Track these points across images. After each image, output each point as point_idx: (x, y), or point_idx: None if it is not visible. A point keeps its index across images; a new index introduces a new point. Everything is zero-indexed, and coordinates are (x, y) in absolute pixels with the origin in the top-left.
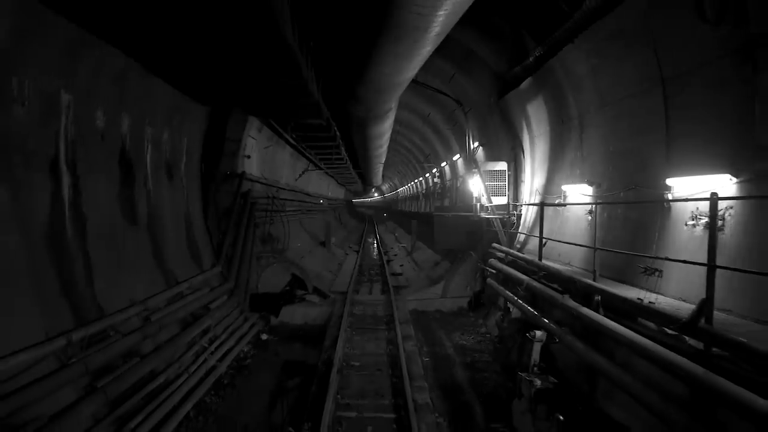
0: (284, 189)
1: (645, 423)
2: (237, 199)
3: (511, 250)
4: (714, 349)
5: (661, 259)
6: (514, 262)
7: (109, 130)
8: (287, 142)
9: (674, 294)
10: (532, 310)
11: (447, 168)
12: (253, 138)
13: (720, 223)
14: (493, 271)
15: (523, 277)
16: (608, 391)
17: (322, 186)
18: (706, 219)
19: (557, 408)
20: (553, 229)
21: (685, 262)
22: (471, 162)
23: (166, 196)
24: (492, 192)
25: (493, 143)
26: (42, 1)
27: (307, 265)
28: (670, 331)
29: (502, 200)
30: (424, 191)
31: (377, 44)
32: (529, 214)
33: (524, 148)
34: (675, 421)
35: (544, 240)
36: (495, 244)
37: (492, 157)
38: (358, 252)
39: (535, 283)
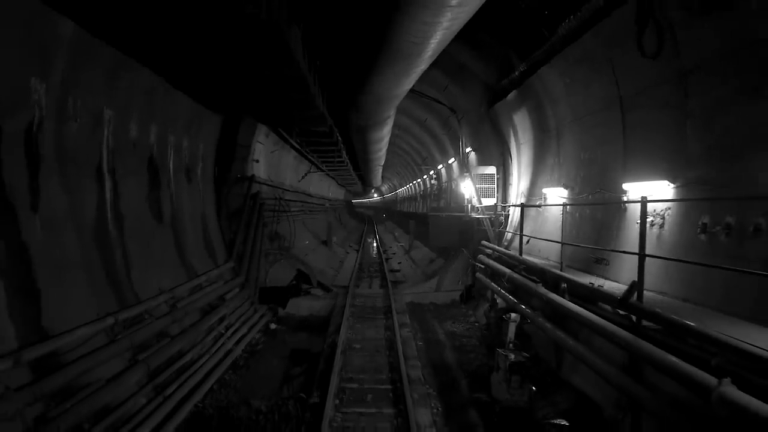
0: (288, 190)
1: (597, 387)
2: (247, 200)
3: (497, 247)
4: (644, 321)
5: (607, 250)
6: (500, 258)
7: (140, 139)
8: (291, 146)
9: (626, 280)
10: (512, 298)
11: (443, 170)
12: (261, 143)
13: (661, 221)
14: (482, 266)
15: (506, 270)
16: (572, 364)
17: (323, 187)
18: (652, 218)
19: (529, 379)
20: (535, 228)
21: (624, 252)
22: (464, 166)
23: (186, 197)
24: (482, 194)
25: (484, 149)
26: (94, 35)
27: (311, 262)
28: (621, 312)
29: (491, 201)
30: (421, 192)
31: (377, 64)
32: (515, 214)
33: (512, 153)
34: (614, 380)
35: (526, 237)
36: (484, 242)
37: (483, 161)
38: (358, 251)
39: (516, 275)
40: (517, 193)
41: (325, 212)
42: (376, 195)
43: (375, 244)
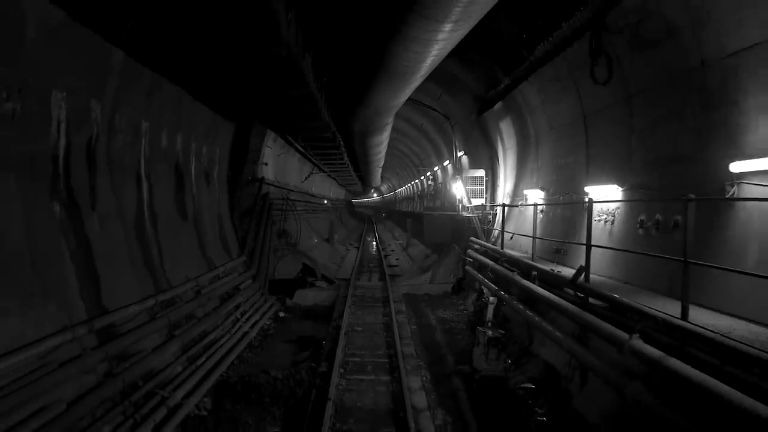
0: (293, 191)
1: (557, 355)
2: (257, 200)
3: (483, 242)
4: (590, 299)
5: (566, 242)
6: (486, 252)
7: (169, 147)
8: (296, 149)
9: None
10: (494, 286)
11: (439, 172)
12: (269, 147)
13: (612, 218)
14: (471, 260)
15: (490, 262)
16: (541, 340)
17: (325, 187)
18: (606, 216)
19: (505, 352)
20: (518, 226)
21: (576, 243)
22: (456, 168)
23: (205, 198)
24: (472, 194)
25: (475, 153)
26: (137, 60)
27: (315, 257)
28: (574, 293)
29: (480, 201)
30: (419, 193)
31: (375, 82)
32: (504, 213)
33: (499, 157)
34: (566, 345)
35: (510, 234)
36: (472, 238)
37: (474, 164)
38: (358, 248)
39: (498, 267)
40: (504, 194)
41: (327, 211)
42: (375, 195)
43: (374, 243)
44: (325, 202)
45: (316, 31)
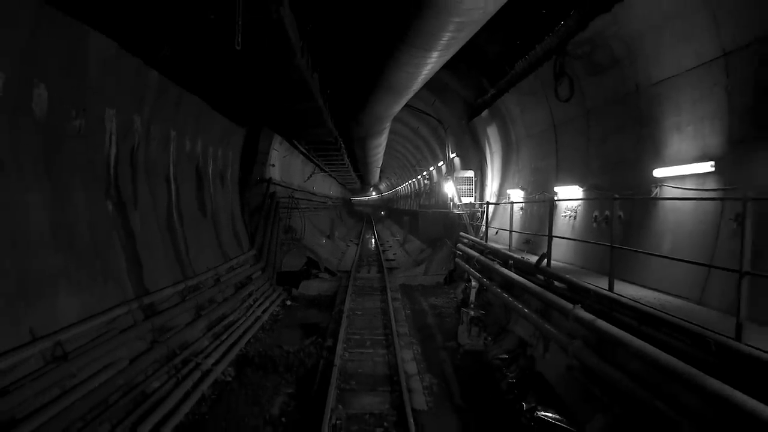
0: (297, 190)
1: (526, 330)
2: (265, 199)
3: (471, 236)
4: (552, 281)
5: (535, 235)
6: (473, 245)
7: (191, 151)
8: (300, 151)
9: (555, 257)
10: (479, 275)
11: (434, 172)
12: (276, 150)
13: (574, 214)
14: (460, 253)
15: (476, 254)
16: (516, 319)
17: (325, 186)
18: (570, 212)
19: (485, 330)
20: (502, 222)
21: (540, 235)
22: (449, 169)
23: (220, 197)
24: (463, 193)
25: (465, 155)
26: (169, 78)
27: (319, 252)
28: (540, 276)
29: (470, 199)
30: (416, 191)
31: (374, 94)
32: (489, 210)
33: (487, 159)
34: (533, 320)
35: (495, 229)
36: (461, 233)
37: (465, 165)
38: (357, 244)
39: (482, 257)
40: (491, 193)
41: (328, 209)
42: (374, 193)
43: (373, 240)
44: (326, 200)
45: (323, 52)
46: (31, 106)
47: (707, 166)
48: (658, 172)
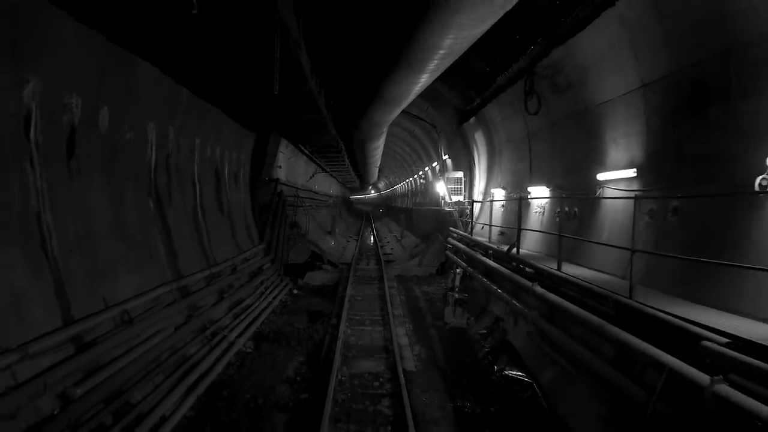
0: (300, 189)
1: (502, 309)
2: (273, 197)
3: (459, 231)
4: (521, 266)
5: (509, 228)
6: (461, 239)
7: (211, 155)
8: (303, 153)
9: (526, 247)
10: (465, 264)
11: (429, 171)
12: (282, 152)
13: (542, 210)
14: (450, 246)
15: (463, 246)
16: (494, 301)
17: (326, 185)
18: (539, 209)
19: (467, 310)
20: (487, 218)
21: (512, 228)
22: (442, 170)
23: (234, 196)
24: (453, 192)
25: (456, 157)
26: (197, 95)
27: (322, 246)
28: (514, 263)
29: (459, 198)
30: (412, 190)
31: (372, 104)
32: (476, 207)
33: (475, 161)
34: (505, 299)
35: (481, 224)
36: (451, 228)
37: (456, 167)
38: (357, 240)
39: (468, 249)
40: (478, 192)
41: (329, 207)
42: (373, 191)
43: (372, 237)
44: (327, 198)
45: (328, 68)
46: (98, 124)
47: (632, 172)
48: (601, 176)
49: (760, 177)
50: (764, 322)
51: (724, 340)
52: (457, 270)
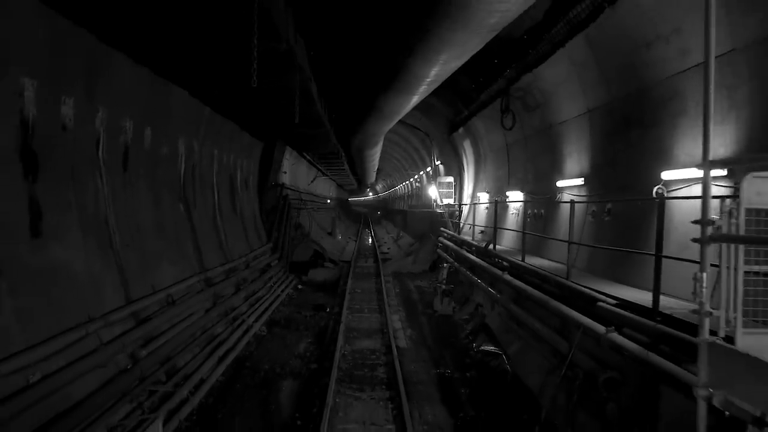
0: (303, 192)
1: (482, 298)
2: (279, 200)
3: (448, 231)
4: (497, 260)
5: (487, 227)
6: (450, 238)
7: (227, 163)
8: (305, 159)
9: (504, 244)
10: (453, 261)
11: (423, 176)
12: (287, 159)
13: (518, 212)
14: (441, 245)
15: (451, 244)
16: (477, 292)
17: (326, 188)
18: (515, 211)
19: (454, 299)
20: (476, 220)
21: (489, 227)
22: (435, 174)
23: (245, 199)
24: (444, 195)
25: (447, 163)
26: (216, 111)
27: (323, 245)
28: (491, 258)
29: (450, 200)
30: (408, 193)
31: (369, 117)
32: (465, 209)
33: (464, 168)
34: (484, 290)
35: (468, 225)
36: (442, 228)
37: (447, 172)
38: (356, 241)
39: (456, 247)
40: (467, 195)
41: (328, 210)
42: (371, 194)
43: (370, 238)
44: (328, 201)
45: (330, 89)
46: (143, 142)
47: (580, 181)
48: (560, 183)
49: (656, 186)
50: (648, 291)
51: (613, 301)
52: (446, 265)
